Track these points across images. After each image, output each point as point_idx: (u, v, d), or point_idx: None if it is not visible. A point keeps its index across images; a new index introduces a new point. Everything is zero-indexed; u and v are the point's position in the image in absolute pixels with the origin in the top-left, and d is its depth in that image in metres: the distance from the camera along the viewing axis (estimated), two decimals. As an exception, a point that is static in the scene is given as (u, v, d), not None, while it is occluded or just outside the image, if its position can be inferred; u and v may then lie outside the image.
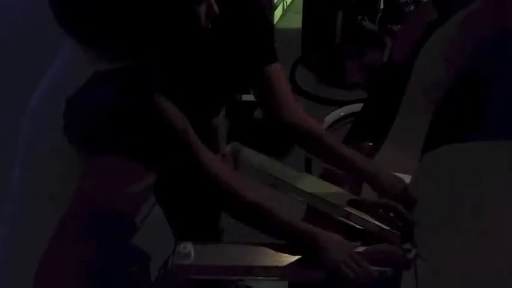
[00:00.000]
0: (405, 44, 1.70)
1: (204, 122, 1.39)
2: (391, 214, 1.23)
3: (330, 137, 1.47)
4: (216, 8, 1.06)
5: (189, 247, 1.18)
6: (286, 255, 1.18)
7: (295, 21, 3.64)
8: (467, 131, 1.62)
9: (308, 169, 2.33)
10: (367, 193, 1.36)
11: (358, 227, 1.28)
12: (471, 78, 1.60)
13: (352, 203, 1.32)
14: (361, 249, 1.18)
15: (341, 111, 2.48)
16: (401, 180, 1.36)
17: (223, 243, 1.33)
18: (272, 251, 1.20)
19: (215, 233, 1.80)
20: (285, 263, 1.17)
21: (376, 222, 1.24)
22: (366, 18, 3.40)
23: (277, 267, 1.17)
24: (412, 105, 1.56)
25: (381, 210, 1.25)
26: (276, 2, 4.02)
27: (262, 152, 1.68)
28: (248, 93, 2.51)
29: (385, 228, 1.23)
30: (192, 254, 1.17)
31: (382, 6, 3.48)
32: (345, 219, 1.30)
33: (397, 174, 1.41)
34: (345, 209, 1.31)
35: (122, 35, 0.90)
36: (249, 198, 1.14)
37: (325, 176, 1.49)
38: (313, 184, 1.41)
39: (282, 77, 1.44)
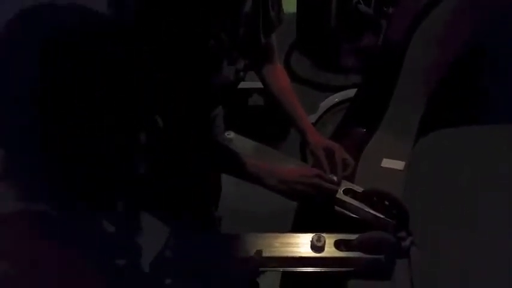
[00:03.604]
0: (400, 27, 1.67)
1: (203, 114, 1.38)
2: (386, 202, 1.22)
3: (289, 94, 1.57)
4: None
5: (178, 241, 1.17)
6: (278, 245, 1.18)
7: (290, 5, 3.60)
8: (462, 115, 1.61)
9: (303, 156, 2.32)
10: (361, 181, 1.35)
11: (353, 215, 1.26)
12: (465, 62, 1.58)
13: (346, 192, 1.31)
14: (354, 236, 1.17)
15: (336, 97, 2.47)
16: (335, 146, 1.43)
17: (215, 235, 1.31)
18: (267, 241, 1.19)
19: (212, 222, 1.80)
20: (278, 254, 1.17)
21: (371, 211, 1.23)
22: (361, 1, 3.36)
23: (271, 257, 1.16)
24: (406, 90, 1.55)
25: (375, 199, 1.23)
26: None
27: (257, 138, 1.67)
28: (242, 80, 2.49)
29: (380, 217, 1.22)
30: (185, 246, 1.16)
31: (377, -11, 3.43)
32: (339, 208, 1.29)
33: (391, 160, 1.40)
34: (340, 197, 1.30)
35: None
36: None
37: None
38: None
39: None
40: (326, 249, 1.16)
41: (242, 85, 2.49)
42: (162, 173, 1.61)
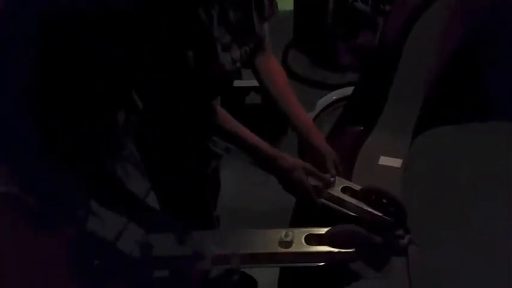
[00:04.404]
0: (396, 25, 1.67)
1: (202, 109, 1.37)
2: (384, 200, 1.21)
3: (285, 90, 1.52)
4: None
5: (152, 239, 1.15)
6: (246, 241, 1.17)
7: (287, 3, 3.60)
8: (460, 112, 1.61)
9: (301, 154, 2.31)
10: (359, 179, 1.35)
11: (351, 213, 1.26)
12: (463, 59, 1.58)
13: (344, 190, 1.31)
14: (324, 230, 1.17)
15: (333, 95, 2.46)
16: (331, 151, 1.40)
17: (183, 232, 1.28)
18: (233, 238, 1.19)
19: (210, 221, 1.79)
20: (245, 251, 1.15)
21: (369, 209, 1.23)
22: (358, -1, 3.36)
23: (237, 254, 1.15)
24: (404, 87, 1.55)
25: (373, 197, 1.23)
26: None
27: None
28: (240, 78, 2.48)
29: (377, 215, 1.21)
30: (154, 246, 1.14)
31: (374, -13, 3.43)
32: (337, 206, 1.29)
33: (388, 157, 1.39)
34: (338, 195, 1.30)
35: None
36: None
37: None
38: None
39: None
40: (294, 244, 1.15)
41: (239, 83, 2.49)
42: (160, 171, 1.61)
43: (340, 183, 1.33)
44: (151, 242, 1.14)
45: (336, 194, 1.30)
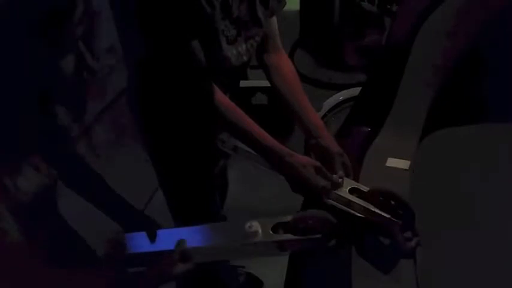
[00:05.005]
0: (403, 26, 1.67)
1: (208, 108, 1.37)
2: (392, 202, 1.21)
3: (296, 87, 1.51)
4: None
5: (122, 237, 1.14)
6: (209, 235, 1.17)
7: (293, 3, 3.60)
8: (466, 114, 1.61)
9: (308, 154, 2.31)
10: (366, 181, 1.34)
11: (358, 215, 1.25)
12: (470, 60, 1.58)
13: (352, 191, 1.30)
14: (289, 217, 1.16)
15: (340, 96, 2.46)
16: (340, 151, 1.38)
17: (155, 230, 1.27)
18: (197, 233, 1.17)
19: (217, 221, 1.80)
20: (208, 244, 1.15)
21: (377, 210, 1.22)
22: (364, -1, 3.35)
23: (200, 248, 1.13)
24: (411, 88, 1.54)
25: (381, 198, 1.22)
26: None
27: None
28: (246, 78, 2.48)
29: (385, 216, 1.21)
30: (125, 243, 1.13)
31: (381, -13, 3.42)
32: (345, 207, 1.28)
33: (396, 159, 1.39)
34: (346, 196, 1.29)
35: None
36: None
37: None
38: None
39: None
40: (260, 235, 1.15)
41: (245, 84, 2.49)
42: (168, 170, 1.62)
43: (348, 184, 1.32)
44: (122, 239, 1.14)
45: (343, 195, 1.29)
